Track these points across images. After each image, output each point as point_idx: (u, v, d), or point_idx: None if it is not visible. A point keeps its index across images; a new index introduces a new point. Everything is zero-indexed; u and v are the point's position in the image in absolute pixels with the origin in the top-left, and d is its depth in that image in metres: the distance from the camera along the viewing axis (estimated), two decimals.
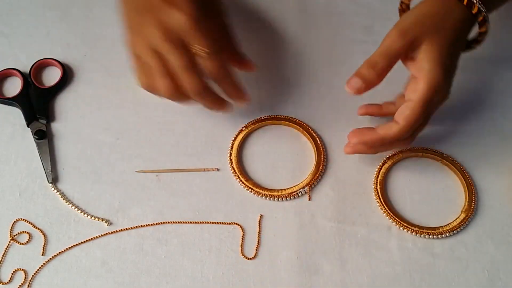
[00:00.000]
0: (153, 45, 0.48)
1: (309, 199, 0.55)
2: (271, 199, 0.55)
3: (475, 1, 0.51)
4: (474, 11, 0.51)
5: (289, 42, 0.66)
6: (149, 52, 0.49)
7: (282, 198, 0.55)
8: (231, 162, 0.57)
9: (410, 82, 0.52)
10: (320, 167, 0.56)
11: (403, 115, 0.50)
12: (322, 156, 0.57)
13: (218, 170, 0.57)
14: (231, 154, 0.57)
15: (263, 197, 0.55)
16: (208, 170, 0.57)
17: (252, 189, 0.55)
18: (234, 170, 0.56)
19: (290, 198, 0.55)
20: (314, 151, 0.58)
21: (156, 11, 0.48)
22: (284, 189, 0.55)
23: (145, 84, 0.51)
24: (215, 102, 0.53)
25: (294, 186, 0.55)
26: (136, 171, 0.57)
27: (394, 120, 0.51)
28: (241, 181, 0.56)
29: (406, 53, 0.51)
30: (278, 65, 0.65)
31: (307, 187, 0.55)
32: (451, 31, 0.52)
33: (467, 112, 0.61)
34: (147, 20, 0.48)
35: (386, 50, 0.50)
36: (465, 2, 0.51)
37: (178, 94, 0.50)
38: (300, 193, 0.55)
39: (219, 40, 0.52)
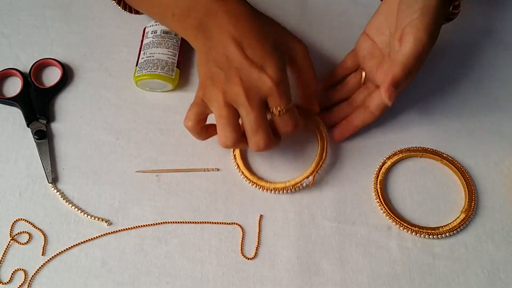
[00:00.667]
0: (233, 100, 0.49)
1: (311, 184, 0.55)
2: (275, 192, 0.55)
3: None
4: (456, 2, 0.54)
5: None
6: (225, 105, 0.49)
7: (287, 191, 0.55)
8: (235, 158, 0.57)
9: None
10: (324, 155, 0.56)
11: (390, 70, 0.52)
12: (325, 149, 0.57)
13: (218, 170, 0.57)
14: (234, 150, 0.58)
15: (267, 191, 0.55)
16: (208, 170, 0.57)
17: (256, 183, 0.55)
18: (238, 166, 0.57)
19: (295, 190, 0.55)
20: (318, 143, 0.58)
21: (242, 71, 0.49)
22: (288, 181, 0.55)
23: (193, 125, 0.52)
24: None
25: (298, 176, 0.56)
26: (136, 171, 0.57)
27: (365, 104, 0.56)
28: (245, 176, 0.56)
29: None
30: None
31: (311, 176, 0.55)
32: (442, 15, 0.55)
33: (467, 112, 0.61)
34: (231, 77, 0.49)
35: (420, 54, 0.51)
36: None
37: (238, 145, 0.51)
38: (305, 183, 0.55)
39: (299, 84, 0.56)
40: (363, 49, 0.59)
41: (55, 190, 0.56)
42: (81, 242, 0.53)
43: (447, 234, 0.53)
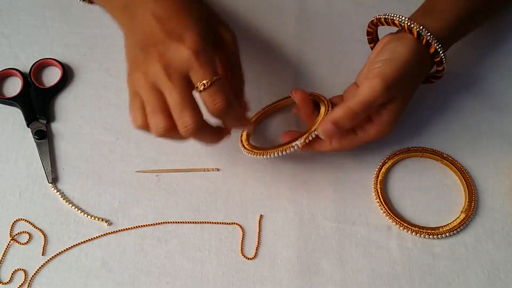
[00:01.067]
0: (153, 80, 0.45)
1: (300, 150, 0.53)
2: (265, 156, 0.54)
3: (439, 50, 0.53)
4: (436, 59, 0.54)
5: (289, 42, 0.66)
6: (149, 88, 0.46)
7: (277, 153, 0.53)
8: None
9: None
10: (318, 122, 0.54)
11: (339, 143, 0.53)
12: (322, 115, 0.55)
13: (218, 170, 0.57)
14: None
15: (260, 156, 0.55)
16: (208, 170, 0.57)
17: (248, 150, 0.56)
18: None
19: (286, 152, 0.53)
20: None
21: (160, 46, 0.45)
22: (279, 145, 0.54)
23: (140, 122, 0.47)
24: (210, 139, 0.50)
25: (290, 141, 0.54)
26: (136, 171, 0.57)
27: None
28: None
29: None
30: (278, 65, 0.65)
31: (302, 138, 0.53)
32: (415, 87, 0.55)
33: (467, 113, 0.61)
34: (149, 55, 0.46)
35: (370, 103, 0.50)
36: (431, 51, 0.53)
37: (174, 132, 0.46)
38: (296, 145, 0.53)
39: (224, 74, 0.50)
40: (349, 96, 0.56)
41: (55, 190, 0.56)
42: (81, 242, 0.53)
43: (447, 234, 0.53)
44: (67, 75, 0.63)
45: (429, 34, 0.51)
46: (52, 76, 0.63)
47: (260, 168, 0.57)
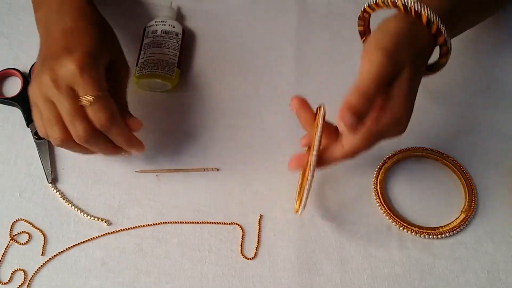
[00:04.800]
0: (46, 92, 0.47)
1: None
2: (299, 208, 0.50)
3: (442, 30, 0.48)
4: (440, 41, 0.49)
5: (289, 42, 0.66)
6: (43, 100, 0.48)
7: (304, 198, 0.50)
8: None
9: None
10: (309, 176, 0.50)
11: (352, 143, 0.47)
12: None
13: (217, 170, 0.57)
14: None
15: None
16: (208, 170, 0.57)
17: None
18: None
19: (307, 191, 0.49)
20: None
21: (53, 59, 0.48)
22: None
23: (42, 132, 0.50)
24: (108, 150, 0.51)
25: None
26: (136, 171, 0.57)
27: (340, 141, 0.48)
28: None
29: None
30: (278, 65, 0.65)
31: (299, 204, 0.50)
32: (421, 59, 0.50)
33: (467, 112, 0.61)
34: (44, 68, 0.48)
35: (377, 78, 0.45)
36: (433, 31, 0.48)
37: (70, 142, 0.49)
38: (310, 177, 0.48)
39: (110, 90, 0.50)
40: None
41: (55, 190, 0.56)
42: (81, 242, 0.53)
43: (447, 234, 0.53)
44: None
45: (415, 2, 0.47)
46: None
47: (260, 168, 0.57)
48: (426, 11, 0.47)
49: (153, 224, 0.54)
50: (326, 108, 0.51)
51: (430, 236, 0.53)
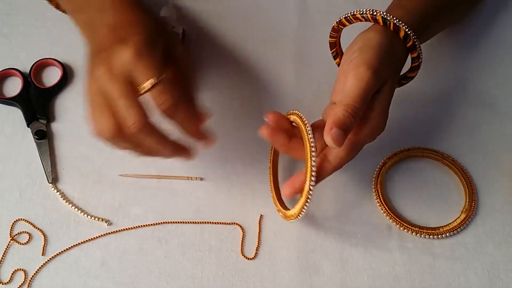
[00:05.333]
0: (103, 86, 0.45)
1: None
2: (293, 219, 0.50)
3: (416, 44, 0.50)
4: (413, 55, 0.51)
5: (289, 42, 0.66)
6: (99, 94, 0.46)
7: (301, 214, 0.49)
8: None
9: None
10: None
11: (339, 157, 0.48)
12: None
13: (201, 179, 0.57)
14: None
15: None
16: (191, 179, 0.56)
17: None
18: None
19: (306, 207, 0.49)
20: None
21: (106, 51, 0.46)
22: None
23: (96, 130, 0.47)
24: (161, 144, 0.47)
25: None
26: (119, 175, 0.56)
27: (326, 158, 0.49)
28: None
29: None
30: (278, 65, 0.65)
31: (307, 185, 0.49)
32: (397, 72, 0.52)
33: (468, 112, 0.61)
34: (97, 61, 0.46)
35: (365, 93, 0.46)
36: (408, 45, 0.51)
37: (122, 137, 0.46)
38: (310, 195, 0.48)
39: (172, 79, 0.47)
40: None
41: (55, 190, 0.56)
42: (81, 242, 0.53)
43: (447, 234, 0.53)
44: (67, 75, 0.63)
45: (394, 18, 0.49)
46: (52, 76, 0.63)
47: (260, 168, 0.57)
48: (403, 26, 0.50)
49: (154, 224, 0.54)
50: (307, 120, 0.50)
51: (431, 236, 0.53)
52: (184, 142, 0.49)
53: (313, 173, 0.47)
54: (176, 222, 0.54)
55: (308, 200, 0.47)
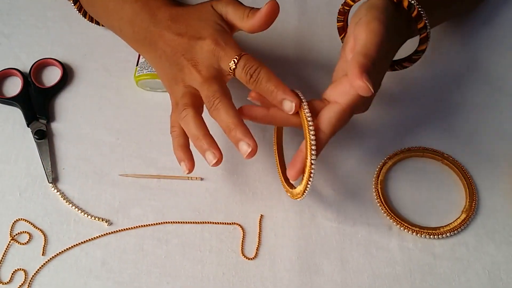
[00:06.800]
0: (192, 84, 0.49)
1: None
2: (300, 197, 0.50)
3: (422, 14, 0.49)
4: (420, 25, 0.50)
5: (289, 42, 0.66)
6: (187, 93, 0.49)
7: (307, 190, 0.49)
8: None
9: (338, 82, 0.49)
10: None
11: (331, 125, 0.47)
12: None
13: (201, 179, 0.57)
14: None
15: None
16: (192, 179, 0.57)
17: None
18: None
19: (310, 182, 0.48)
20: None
21: (187, 53, 0.49)
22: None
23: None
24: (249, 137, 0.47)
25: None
26: (119, 175, 0.57)
27: (319, 128, 0.47)
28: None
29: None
30: (277, 65, 0.65)
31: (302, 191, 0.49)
32: (398, 42, 0.51)
33: (468, 112, 0.61)
34: (181, 65, 0.50)
35: (380, 44, 0.46)
36: (413, 14, 0.49)
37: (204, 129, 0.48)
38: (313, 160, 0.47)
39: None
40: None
41: (55, 190, 0.55)
42: (82, 242, 0.53)
43: (448, 234, 0.53)
44: (67, 75, 0.63)
45: None
46: (52, 76, 0.63)
47: (260, 168, 0.57)
48: None
49: (154, 224, 0.54)
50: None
51: (431, 236, 0.53)
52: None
53: (313, 147, 0.47)
54: (176, 222, 0.54)
55: (312, 175, 0.47)
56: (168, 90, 0.53)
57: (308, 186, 0.48)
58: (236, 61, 0.47)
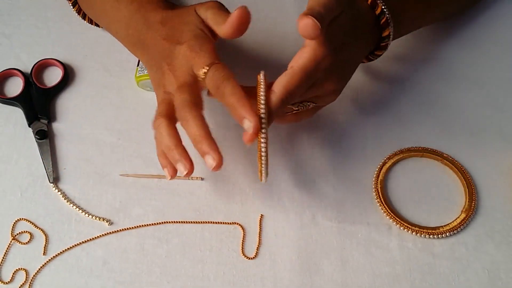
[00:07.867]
0: (169, 91, 0.49)
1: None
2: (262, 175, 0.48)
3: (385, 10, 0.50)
4: (378, 11, 0.51)
5: (289, 42, 0.66)
6: (165, 98, 0.49)
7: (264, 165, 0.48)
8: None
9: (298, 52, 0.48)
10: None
11: (281, 85, 0.46)
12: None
13: (202, 179, 0.57)
14: None
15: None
16: (192, 179, 0.57)
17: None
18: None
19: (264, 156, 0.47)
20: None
21: (168, 57, 0.49)
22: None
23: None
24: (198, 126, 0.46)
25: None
26: (120, 175, 0.57)
27: (272, 90, 0.46)
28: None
29: None
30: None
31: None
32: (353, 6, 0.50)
33: (467, 112, 0.61)
34: (163, 70, 0.50)
35: (328, 2, 0.45)
36: (377, 12, 0.50)
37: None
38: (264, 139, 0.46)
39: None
40: None
41: (57, 190, 0.56)
42: (82, 242, 0.53)
43: (447, 233, 0.53)
44: (68, 75, 0.63)
45: None
46: (53, 76, 0.63)
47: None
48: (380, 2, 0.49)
49: (154, 223, 0.54)
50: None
51: (431, 236, 0.53)
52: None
53: (262, 115, 0.45)
54: (177, 222, 0.54)
55: (263, 144, 0.45)
56: (155, 93, 0.52)
57: (263, 163, 0.46)
58: (206, 70, 0.46)
